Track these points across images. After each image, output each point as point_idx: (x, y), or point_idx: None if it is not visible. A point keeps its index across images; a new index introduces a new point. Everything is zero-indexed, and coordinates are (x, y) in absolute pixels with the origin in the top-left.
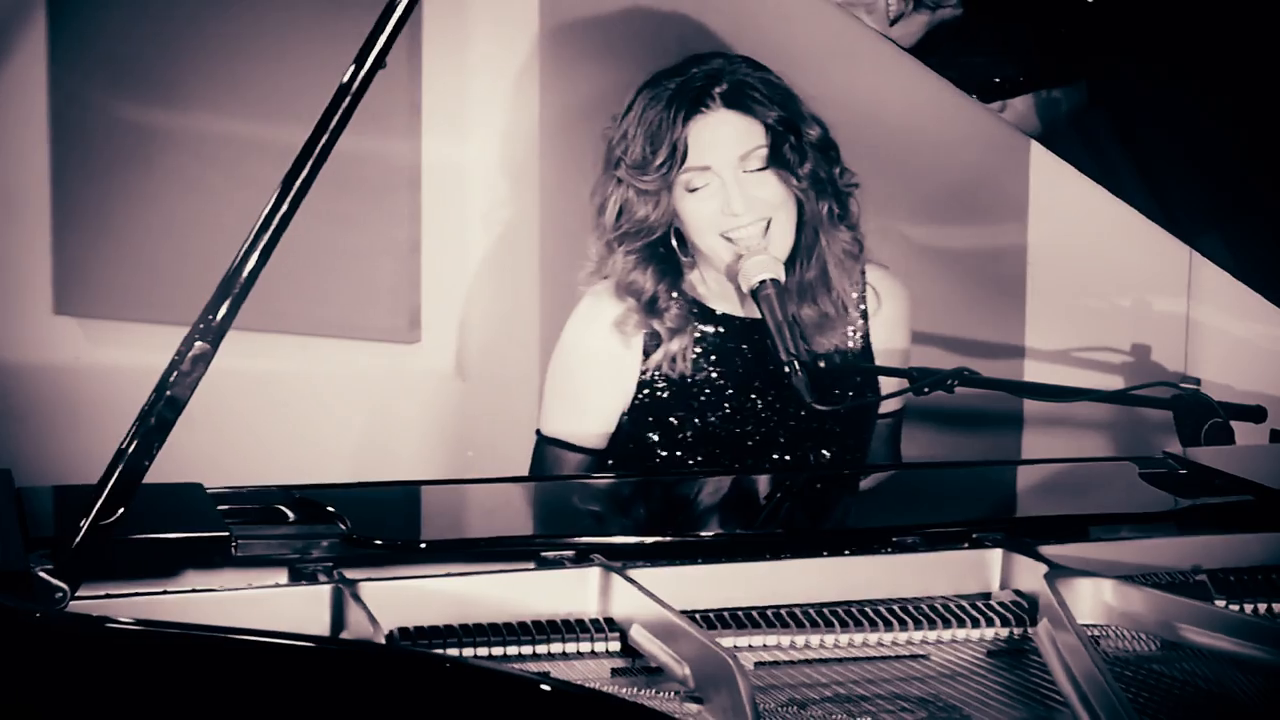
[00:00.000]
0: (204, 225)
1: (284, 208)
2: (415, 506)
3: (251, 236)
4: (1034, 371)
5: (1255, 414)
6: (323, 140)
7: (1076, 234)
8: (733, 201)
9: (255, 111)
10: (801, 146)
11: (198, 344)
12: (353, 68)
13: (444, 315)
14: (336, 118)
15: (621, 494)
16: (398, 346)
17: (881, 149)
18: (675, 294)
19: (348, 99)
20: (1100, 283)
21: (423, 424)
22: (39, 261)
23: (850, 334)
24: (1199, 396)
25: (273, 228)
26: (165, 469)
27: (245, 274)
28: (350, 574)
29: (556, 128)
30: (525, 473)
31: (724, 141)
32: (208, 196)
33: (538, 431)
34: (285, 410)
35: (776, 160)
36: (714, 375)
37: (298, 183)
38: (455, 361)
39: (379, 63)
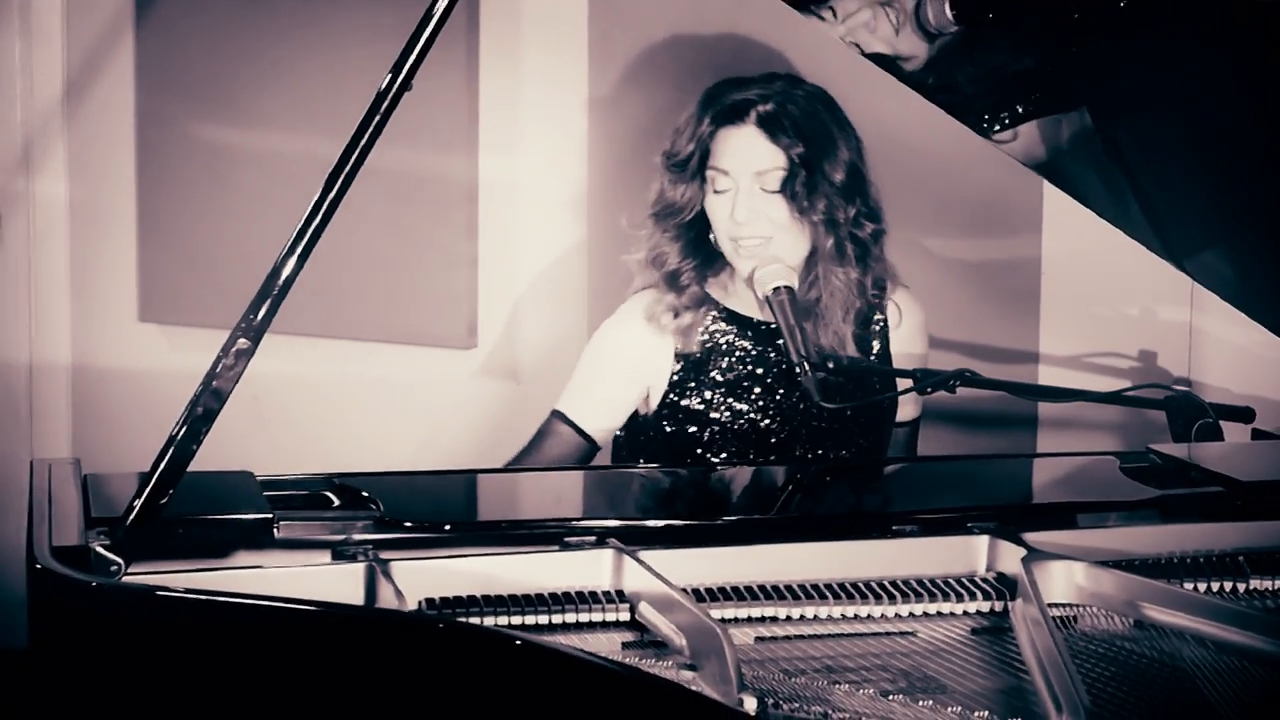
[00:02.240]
0: (277, 238)
1: (318, 218)
2: (447, 493)
3: (289, 244)
4: (1048, 376)
5: (1243, 414)
6: (354, 154)
7: (1087, 247)
8: (738, 209)
9: (326, 130)
10: (814, 183)
11: (240, 340)
12: (387, 78)
13: (499, 322)
14: (368, 133)
15: (639, 483)
16: (457, 352)
17: (905, 167)
18: (698, 279)
19: (377, 117)
20: (1109, 293)
21: (479, 423)
22: (125, 272)
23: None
24: (1190, 398)
25: (309, 235)
26: (241, 461)
27: (283, 278)
28: (385, 555)
29: (604, 144)
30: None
31: (746, 154)
32: (281, 211)
33: (554, 410)
34: (354, 410)
35: (788, 189)
36: (742, 376)
37: (332, 193)
38: (509, 366)
39: (405, 85)
